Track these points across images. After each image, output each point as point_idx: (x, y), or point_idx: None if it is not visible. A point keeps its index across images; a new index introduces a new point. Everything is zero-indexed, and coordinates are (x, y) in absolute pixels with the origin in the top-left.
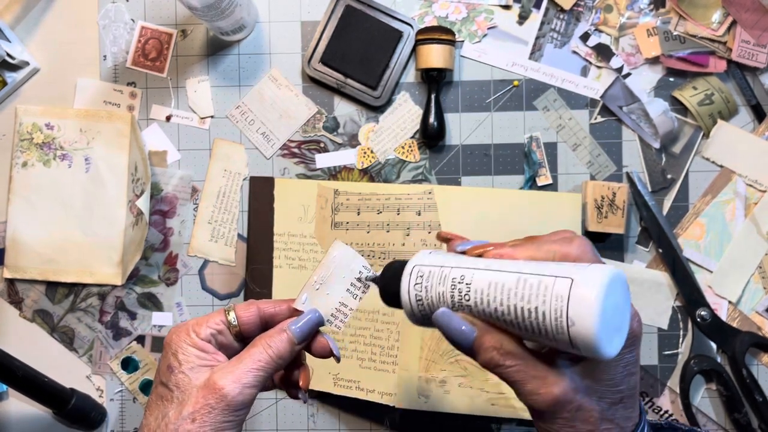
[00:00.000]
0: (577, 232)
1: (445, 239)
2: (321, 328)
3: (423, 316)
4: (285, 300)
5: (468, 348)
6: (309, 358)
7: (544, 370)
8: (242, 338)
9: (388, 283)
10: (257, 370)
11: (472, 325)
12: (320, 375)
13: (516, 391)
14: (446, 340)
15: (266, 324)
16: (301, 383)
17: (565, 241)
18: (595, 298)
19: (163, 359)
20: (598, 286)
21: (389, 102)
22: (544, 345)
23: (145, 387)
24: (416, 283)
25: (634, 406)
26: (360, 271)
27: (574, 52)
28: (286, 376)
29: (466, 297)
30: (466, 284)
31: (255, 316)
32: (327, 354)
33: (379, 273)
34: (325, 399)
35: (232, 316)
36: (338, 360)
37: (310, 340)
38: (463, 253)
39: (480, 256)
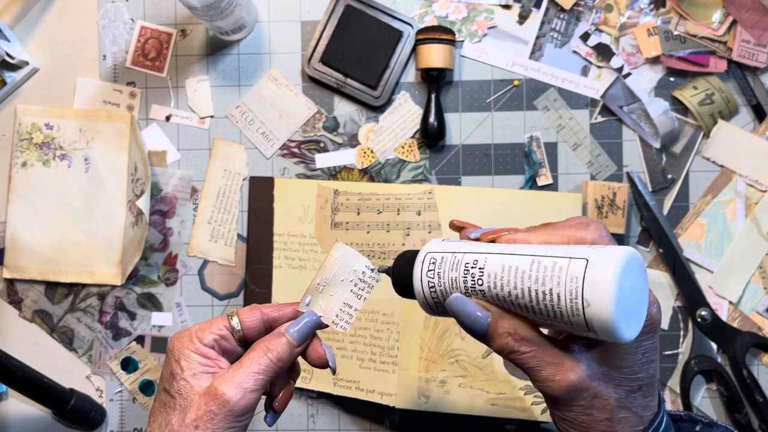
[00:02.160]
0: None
1: (458, 228)
2: (324, 343)
3: (436, 304)
4: (288, 303)
5: (482, 334)
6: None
7: (560, 356)
8: (246, 343)
9: (401, 272)
10: (258, 374)
11: (486, 311)
12: (320, 375)
13: (531, 378)
14: (446, 340)
15: (270, 328)
16: (277, 403)
17: (581, 225)
18: (611, 278)
19: (166, 366)
20: (615, 266)
21: (389, 102)
22: (561, 329)
23: (145, 387)
24: (429, 270)
25: (653, 395)
26: (363, 271)
27: (575, 52)
28: (271, 389)
29: (479, 282)
30: (479, 269)
31: (258, 320)
32: (323, 364)
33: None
34: (325, 399)
35: (235, 321)
36: (334, 372)
37: (307, 347)
38: (477, 239)
39: (493, 241)
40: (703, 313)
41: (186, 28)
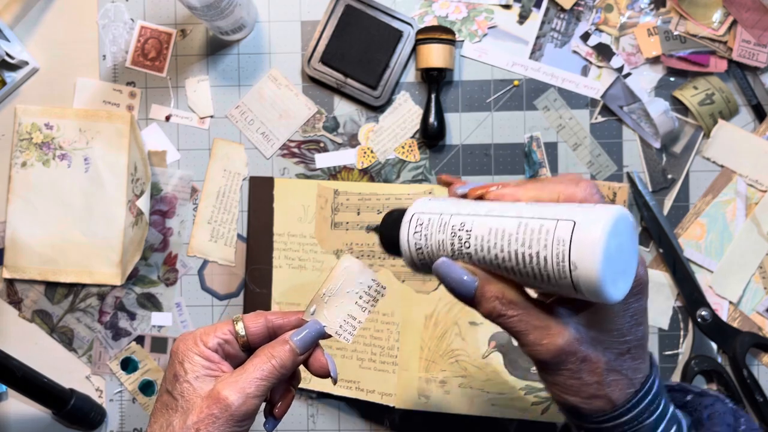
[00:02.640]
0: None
1: (446, 183)
2: (326, 352)
3: (423, 265)
4: (293, 312)
5: (469, 298)
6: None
7: (548, 320)
8: (249, 348)
9: (388, 231)
10: (260, 380)
11: (473, 275)
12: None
13: (519, 342)
14: (446, 340)
15: (273, 335)
16: (277, 410)
17: (572, 182)
18: (598, 238)
19: (169, 367)
20: (602, 226)
21: (389, 102)
22: (548, 292)
23: (145, 387)
24: (416, 232)
25: (644, 358)
26: (369, 285)
27: (575, 52)
28: (271, 395)
29: (466, 245)
30: (467, 231)
31: (263, 327)
32: (325, 373)
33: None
34: (325, 399)
35: (240, 327)
36: (335, 382)
37: (310, 356)
38: (464, 196)
39: (481, 198)
40: (703, 313)
41: (186, 28)
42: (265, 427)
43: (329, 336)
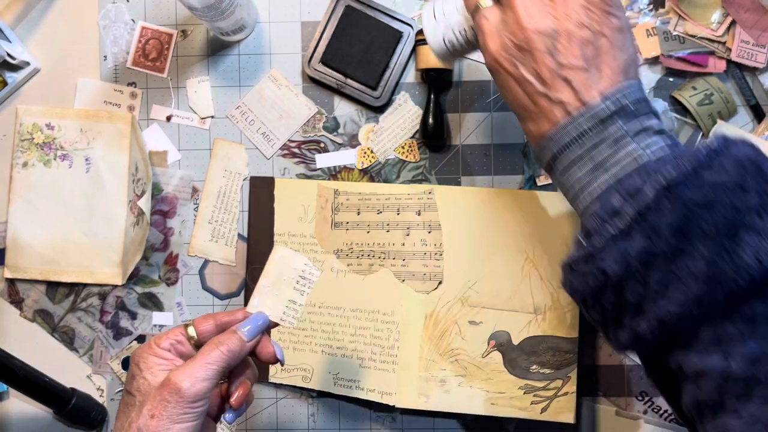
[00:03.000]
0: None
1: None
2: (274, 341)
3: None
4: (239, 309)
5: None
6: (313, 361)
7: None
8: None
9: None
10: (208, 364)
11: None
12: (320, 375)
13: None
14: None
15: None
16: (233, 399)
17: None
18: None
19: (128, 372)
20: None
21: (389, 102)
22: None
23: None
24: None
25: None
26: (303, 269)
27: None
28: (228, 388)
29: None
30: None
31: (212, 326)
32: (272, 359)
33: None
34: (325, 398)
35: (191, 330)
36: (282, 364)
37: (257, 345)
38: None
39: None
40: None
41: (186, 28)
42: (225, 418)
43: (276, 324)
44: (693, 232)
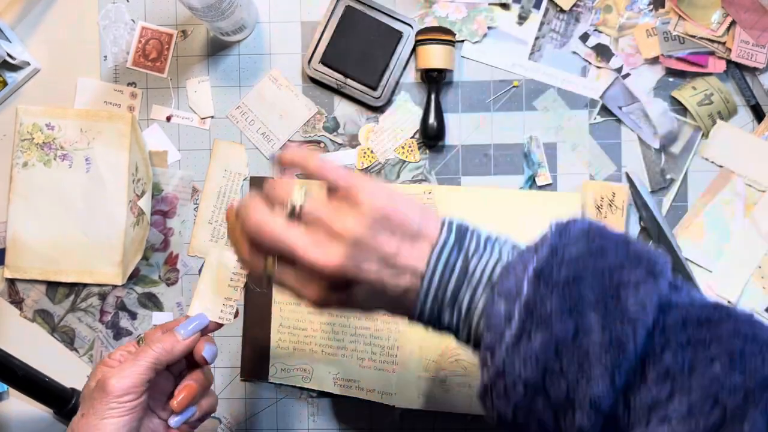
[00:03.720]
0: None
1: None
2: (209, 344)
3: None
4: (185, 316)
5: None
6: (313, 361)
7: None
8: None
9: None
10: (136, 361)
11: None
12: (320, 375)
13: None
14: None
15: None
16: (174, 401)
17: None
18: None
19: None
20: None
21: (389, 102)
22: None
23: None
24: None
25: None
26: (234, 267)
27: (574, 53)
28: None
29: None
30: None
31: (159, 333)
32: (201, 359)
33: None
34: (325, 398)
35: (141, 342)
36: (208, 363)
37: (194, 345)
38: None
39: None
40: None
41: (187, 28)
42: (170, 422)
43: (219, 325)
44: (579, 307)
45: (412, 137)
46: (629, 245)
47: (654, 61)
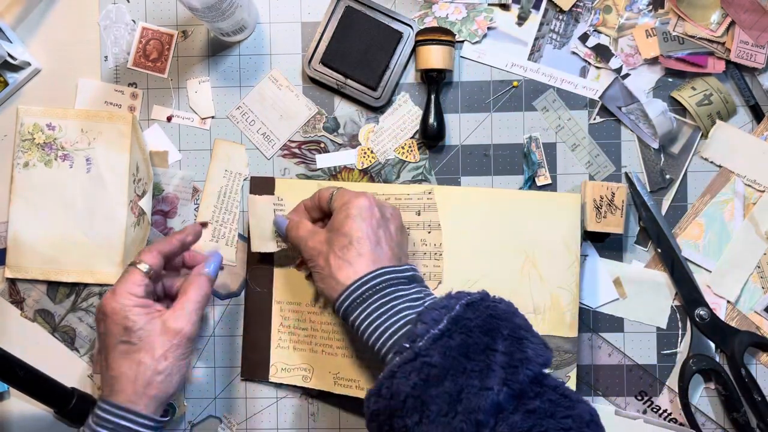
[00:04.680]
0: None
1: None
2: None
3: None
4: (172, 237)
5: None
6: (313, 361)
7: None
8: (155, 278)
9: None
10: (197, 308)
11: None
12: (321, 374)
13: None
14: None
15: (167, 262)
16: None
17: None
18: None
19: (112, 325)
20: None
21: (389, 102)
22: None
23: None
24: None
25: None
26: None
27: (573, 53)
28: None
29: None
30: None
31: (160, 259)
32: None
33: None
34: (325, 399)
35: (145, 267)
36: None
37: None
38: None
39: None
40: (701, 312)
41: (187, 29)
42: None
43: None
44: (493, 333)
45: (412, 137)
46: (533, 329)
47: (653, 61)
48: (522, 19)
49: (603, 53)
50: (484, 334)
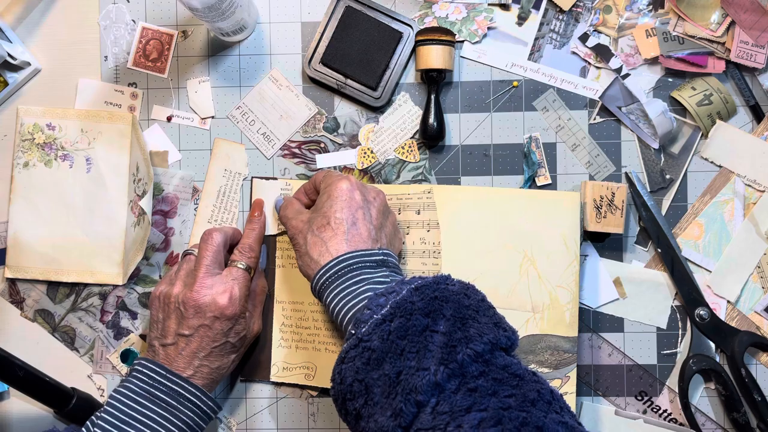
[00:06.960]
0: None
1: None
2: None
3: None
4: (254, 228)
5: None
6: (316, 359)
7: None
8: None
9: None
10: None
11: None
12: (324, 372)
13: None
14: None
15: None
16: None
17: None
18: None
19: (223, 323)
20: None
21: (389, 102)
22: None
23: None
24: None
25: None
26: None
27: (574, 53)
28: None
29: None
30: None
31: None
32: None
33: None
34: (326, 397)
35: (242, 264)
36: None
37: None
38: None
39: None
40: (701, 312)
41: (187, 29)
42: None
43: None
44: (435, 315)
45: (412, 137)
46: (490, 308)
47: (653, 61)
48: (522, 19)
49: (603, 53)
50: (424, 316)
